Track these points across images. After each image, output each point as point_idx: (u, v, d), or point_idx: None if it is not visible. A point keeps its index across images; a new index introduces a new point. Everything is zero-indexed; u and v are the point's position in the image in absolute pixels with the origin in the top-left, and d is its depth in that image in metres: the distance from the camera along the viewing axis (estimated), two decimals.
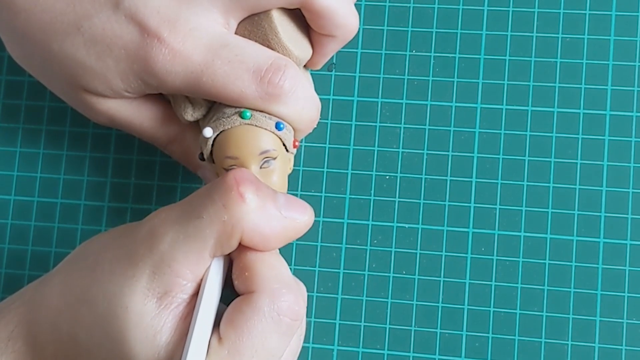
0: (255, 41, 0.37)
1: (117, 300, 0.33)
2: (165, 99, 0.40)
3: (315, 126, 0.39)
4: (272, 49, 0.37)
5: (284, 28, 0.38)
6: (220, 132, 0.36)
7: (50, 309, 0.35)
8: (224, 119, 0.36)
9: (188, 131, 0.40)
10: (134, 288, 0.33)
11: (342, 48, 0.42)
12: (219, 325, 0.33)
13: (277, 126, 0.36)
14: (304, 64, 0.40)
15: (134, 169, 0.44)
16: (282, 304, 0.33)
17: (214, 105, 0.38)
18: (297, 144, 0.38)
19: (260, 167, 0.36)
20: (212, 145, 0.37)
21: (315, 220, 0.42)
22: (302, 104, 0.37)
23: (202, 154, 0.37)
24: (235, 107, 0.37)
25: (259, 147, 0.36)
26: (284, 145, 0.37)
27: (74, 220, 0.44)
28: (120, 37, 0.36)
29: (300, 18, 0.39)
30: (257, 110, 0.36)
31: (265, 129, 0.36)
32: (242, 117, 0.36)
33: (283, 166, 0.37)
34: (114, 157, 0.44)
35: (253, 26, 0.38)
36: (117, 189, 0.44)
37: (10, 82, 0.45)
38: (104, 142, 0.44)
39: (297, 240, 0.42)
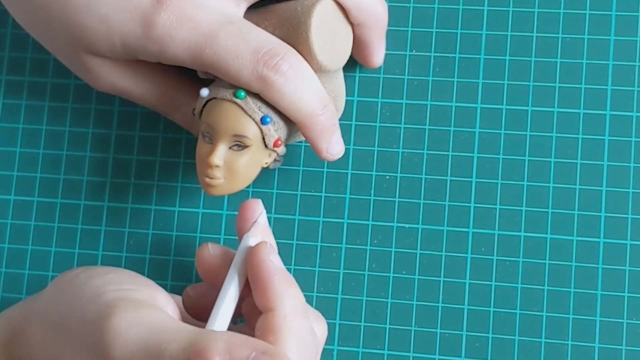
0: (284, 35, 0.37)
1: None
2: (165, 68, 0.40)
3: (321, 122, 0.38)
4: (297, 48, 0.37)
5: (320, 33, 0.37)
6: (212, 98, 0.37)
7: (32, 346, 0.35)
8: (222, 88, 0.37)
9: (187, 99, 0.40)
10: None
11: None
12: None
13: (263, 119, 0.37)
14: (332, 69, 0.39)
15: (134, 169, 0.44)
16: None
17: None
18: (279, 143, 0.38)
19: (230, 147, 0.37)
20: (204, 106, 0.38)
21: (315, 220, 0.42)
22: (299, 93, 0.37)
23: (194, 109, 0.38)
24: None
25: (234, 129, 0.37)
26: (263, 139, 0.37)
27: (74, 220, 0.44)
28: (129, 1, 0.36)
29: (341, 24, 0.39)
30: (253, 94, 0.37)
31: (250, 116, 0.37)
32: (235, 95, 0.37)
33: (254, 158, 0.38)
34: (113, 157, 0.44)
35: (291, 27, 0.37)
36: (117, 189, 0.44)
37: (10, 82, 0.45)
38: (104, 142, 0.44)
39: (297, 240, 0.42)
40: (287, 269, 0.35)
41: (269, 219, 0.41)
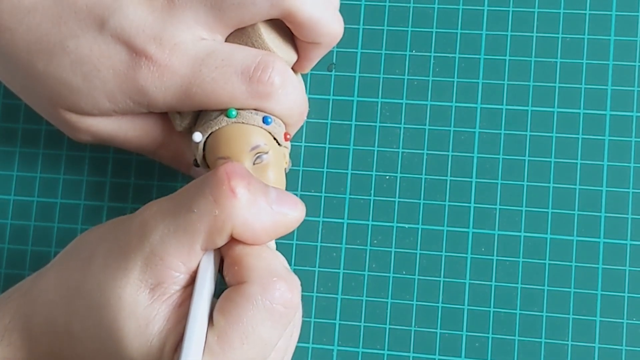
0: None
1: (110, 291, 0.33)
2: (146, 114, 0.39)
3: (305, 119, 0.39)
4: None
5: (267, 32, 0.38)
6: (209, 134, 0.37)
7: (46, 303, 0.35)
8: (211, 121, 0.36)
9: (174, 133, 0.40)
10: (126, 279, 0.33)
11: (342, 48, 0.42)
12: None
13: (265, 120, 0.36)
14: (290, 66, 0.39)
15: (134, 168, 0.44)
16: (274, 292, 0.32)
17: (202, 112, 0.38)
18: (288, 136, 0.38)
19: (254, 164, 0.36)
20: (204, 149, 0.37)
21: (315, 220, 0.42)
22: (292, 98, 0.37)
23: (196, 160, 0.38)
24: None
25: (248, 143, 0.36)
26: (274, 139, 0.37)
27: (73, 220, 0.44)
28: (108, 57, 0.36)
29: (284, 24, 0.39)
30: (246, 109, 0.37)
31: (253, 124, 0.36)
32: (228, 117, 0.36)
33: (277, 160, 0.37)
34: (113, 157, 0.44)
35: (237, 31, 0.38)
36: (116, 189, 0.44)
37: None
38: None
39: (297, 240, 0.42)
40: None
41: None
